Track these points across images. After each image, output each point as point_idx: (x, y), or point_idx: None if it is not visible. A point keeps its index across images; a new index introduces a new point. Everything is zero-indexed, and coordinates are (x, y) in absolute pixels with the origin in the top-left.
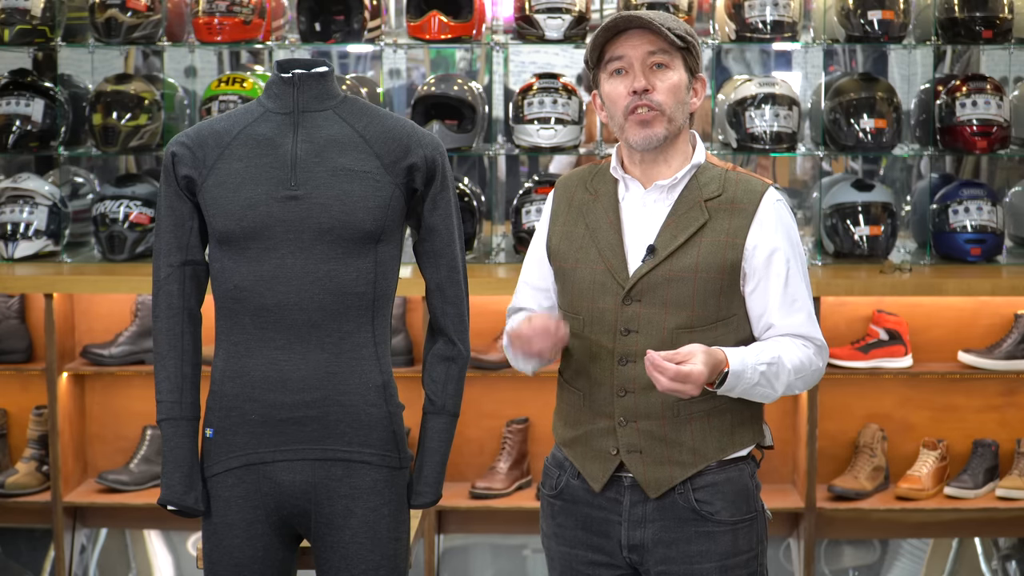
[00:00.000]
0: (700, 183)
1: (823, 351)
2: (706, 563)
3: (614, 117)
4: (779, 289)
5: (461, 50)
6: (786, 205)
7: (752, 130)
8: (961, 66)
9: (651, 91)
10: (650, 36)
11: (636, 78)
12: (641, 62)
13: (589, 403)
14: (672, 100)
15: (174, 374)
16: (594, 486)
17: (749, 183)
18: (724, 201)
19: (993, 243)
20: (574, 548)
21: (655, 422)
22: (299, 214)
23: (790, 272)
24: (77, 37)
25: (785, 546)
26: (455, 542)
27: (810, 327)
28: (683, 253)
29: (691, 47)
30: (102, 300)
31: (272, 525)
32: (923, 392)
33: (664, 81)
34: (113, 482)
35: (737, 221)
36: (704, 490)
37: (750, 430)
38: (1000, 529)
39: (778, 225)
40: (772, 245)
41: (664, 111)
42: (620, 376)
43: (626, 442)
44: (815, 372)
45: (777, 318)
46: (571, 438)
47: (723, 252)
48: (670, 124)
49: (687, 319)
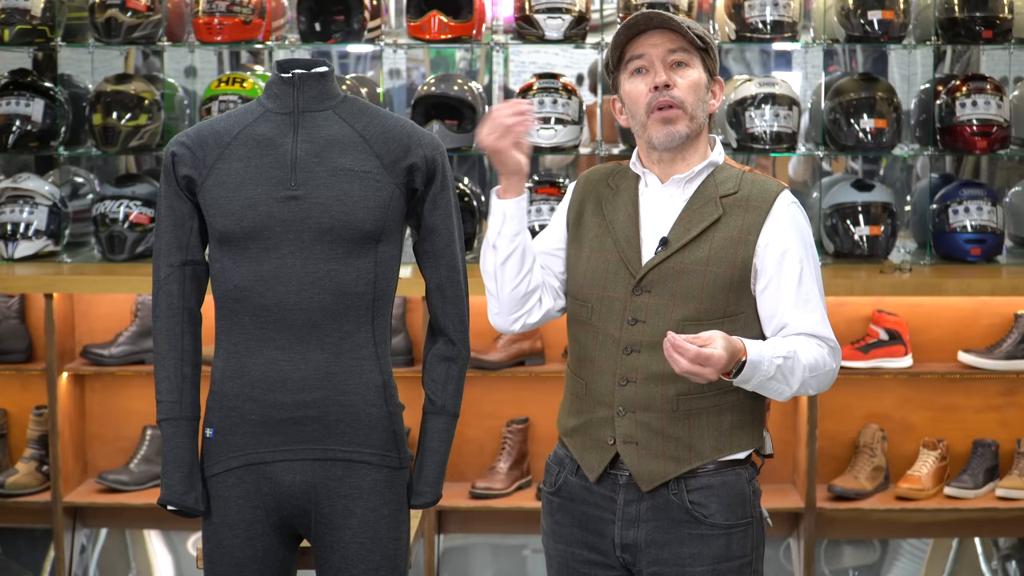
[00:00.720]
0: (717, 180)
1: (836, 353)
2: (698, 566)
3: (635, 116)
4: (792, 288)
5: (461, 50)
6: (800, 208)
7: (752, 130)
8: (961, 66)
9: (672, 87)
10: (671, 35)
11: (657, 74)
12: (662, 60)
13: (591, 392)
14: (693, 97)
15: (174, 374)
16: (590, 476)
17: (765, 184)
18: (739, 199)
19: (993, 243)
20: (571, 546)
21: (654, 414)
22: (299, 214)
23: (804, 272)
24: (77, 37)
25: (785, 546)
26: (455, 542)
27: (824, 328)
28: (695, 246)
29: (709, 48)
30: (102, 300)
31: (272, 525)
32: (923, 392)
33: (685, 78)
34: (113, 482)
35: (751, 218)
36: (699, 492)
37: (749, 434)
38: (1000, 529)
39: (792, 226)
40: (785, 244)
41: (686, 107)
42: (623, 365)
43: (623, 432)
44: (828, 373)
45: (791, 317)
46: (572, 427)
47: (735, 248)
48: (692, 122)
49: (694, 311)
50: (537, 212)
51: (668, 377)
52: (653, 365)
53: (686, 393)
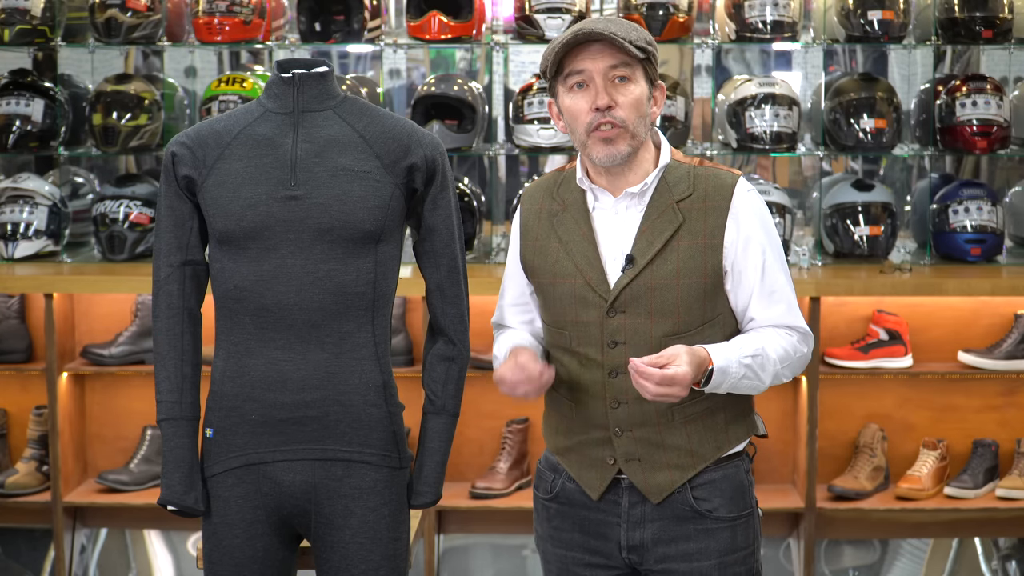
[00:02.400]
0: (670, 184)
1: (807, 338)
2: (705, 560)
3: (575, 132)
4: (756, 281)
5: (461, 50)
6: (757, 194)
7: (752, 130)
8: (961, 66)
9: (613, 107)
10: (611, 50)
11: (599, 94)
12: (603, 76)
13: (581, 414)
14: (634, 115)
15: (174, 374)
16: (592, 494)
17: (718, 177)
18: (696, 200)
19: (993, 243)
20: (570, 551)
21: (651, 429)
22: (299, 214)
23: (766, 262)
24: (77, 37)
25: (785, 546)
26: (455, 542)
27: (791, 316)
28: (662, 260)
29: (651, 56)
30: (102, 300)
31: (272, 525)
32: (923, 392)
33: (627, 96)
34: (113, 482)
35: (712, 220)
36: (702, 488)
37: (743, 424)
38: (1000, 529)
39: (752, 217)
40: (747, 237)
41: (628, 127)
42: (612, 388)
43: (624, 451)
44: (800, 359)
45: (758, 311)
46: (565, 447)
47: (703, 254)
48: (633, 139)
49: (673, 326)
50: None
51: None
52: None
53: (678, 404)
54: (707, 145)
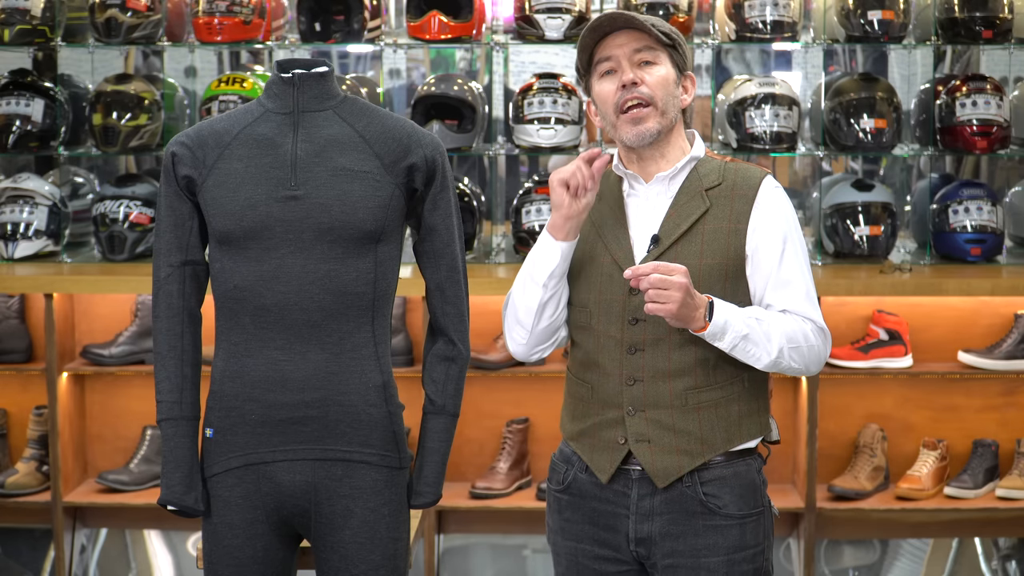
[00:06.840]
0: (700, 174)
1: (823, 333)
2: (713, 557)
3: (607, 116)
4: (774, 268)
5: (461, 50)
6: (784, 192)
7: (752, 130)
8: (961, 66)
9: (640, 84)
10: (635, 34)
11: (624, 72)
12: (628, 59)
13: (598, 394)
14: (662, 92)
15: (174, 374)
16: (602, 477)
17: (748, 171)
18: (724, 189)
19: (993, 243)
20: (581, 543)
21: (664, 411)
22: (299, 214)
23: (785, 253)
24: (77, 37)
25: (785, 546)
26: (455, 542)
27: (807, 307)
28: (687, 241)
29: (677, 45)
30: (102, 300)
31: (272, 525)
32: (923, 392)
33: (652, 75)
34: (113, 482)
35: (739, 206)
36: (712, 484)
37: (756, 422)
38: (1000, 529)
39: (777, 208)
40: (770, 227)
41: (655, 103)
42: (628, 365)
43: (635, 431)
44: (812, 349)
45: (773, 297)
46: (579, 431)
47: (727, 238)
48: (662, 117)
49: None
50: (537, 212)
51: (675, 373)
52: (658, 362)
53: (693, 387)
54: (707, 144)
